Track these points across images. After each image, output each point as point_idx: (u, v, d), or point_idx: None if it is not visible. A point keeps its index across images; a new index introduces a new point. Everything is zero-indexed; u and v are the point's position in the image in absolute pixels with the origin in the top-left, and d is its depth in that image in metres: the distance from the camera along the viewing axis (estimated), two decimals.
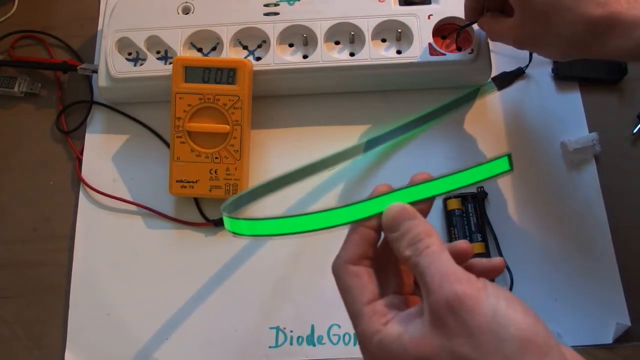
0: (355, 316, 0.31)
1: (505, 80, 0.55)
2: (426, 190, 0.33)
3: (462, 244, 0.34)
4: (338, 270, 0.32)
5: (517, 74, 0.55)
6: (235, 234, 0.34)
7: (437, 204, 0.52)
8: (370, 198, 0.33)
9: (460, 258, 0.33)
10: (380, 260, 0.33)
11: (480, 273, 0.33)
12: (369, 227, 0.32)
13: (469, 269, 0.34)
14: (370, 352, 0.30)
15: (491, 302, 0.27)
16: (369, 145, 0.52)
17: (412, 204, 0.33)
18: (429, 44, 0.52)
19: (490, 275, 0.34)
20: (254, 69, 0.52)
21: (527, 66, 0.55)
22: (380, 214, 0.32)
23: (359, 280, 0.31)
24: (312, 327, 0.49)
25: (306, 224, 0.33)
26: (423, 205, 0.33)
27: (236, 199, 0.41)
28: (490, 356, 0.26)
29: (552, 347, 0.27)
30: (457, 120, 0.55)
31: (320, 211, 0.33)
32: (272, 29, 0.53)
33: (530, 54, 0.55)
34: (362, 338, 0.30)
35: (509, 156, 0.35)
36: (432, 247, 0.30)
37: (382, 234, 0.33)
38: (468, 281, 0.28)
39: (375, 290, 0.31)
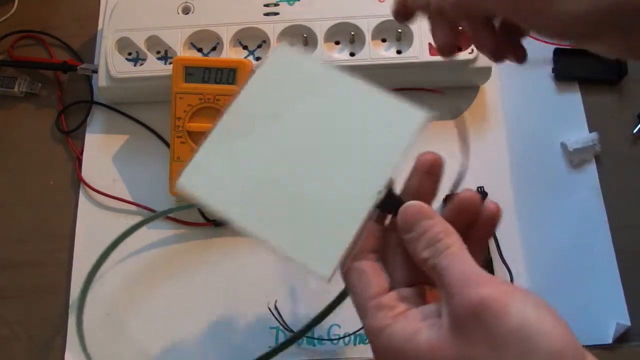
0: (361, 312, 0.29)
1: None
2: None
3: (465, 192, 0.31)
4: (342, 269, 0.30)
5: None
6: None
7: (438, 203, 0.51)
8: None
9: (466, 209, 0.31)
10: (385, 251, 0.32)
11: (452, 216, 0.31)
12: (373, 221, 0.31)
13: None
14: (379, 348, 0.28)
15: (519, 308, 0.25)
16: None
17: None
18: (429, 44, 0.52)
19: (489, 225, 0.31)
20: (254, 69, 0.52)
21: None
22: (386, 211, 0.31)
23: (363, 275, 0.30)
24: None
25: None
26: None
27: None
28: None
29: (581, 358, 0.25)
30: (457, 118, 0.55)
31: None
32: (272, 29, 0.53)
33: None
34: (370, 334, 0.29)
35: None
36: (452, 247, 0.28)
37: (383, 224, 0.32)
38: (493, 284, 0.26)
39: (382, 283, 0.29)
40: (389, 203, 0.31)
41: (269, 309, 0.48)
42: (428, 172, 0.31)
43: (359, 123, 0.33)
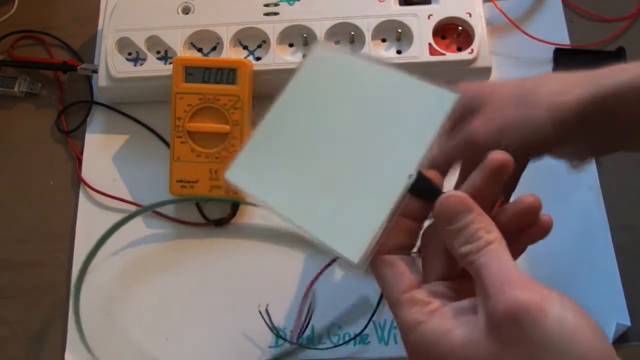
0: (393, 305, 0.29)
1: None
2: None
3: (528, 197, 0.30)
4: (372, 261, 0.30)
5: None
6: None
7: None
8: None
9: (528, 214, 0.30)
10: (427, 242, 0.31)
11: (511, 219, 0.30)
12: (409, 217, 0.30)
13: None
14: (411, 344, 0.28)
15: (557, 313, 0.25)
16: None
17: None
18: (429, 43, 0.52)
19: (537, 235, 0.31)
20: (254, 69, 0.52)
21: None
22: (428, 200, 0.30)
23: (394, 269, 0.29)
24: (312, 327, 0.49)
25: None
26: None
27: None
28: None
29: None
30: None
31: None
32: (272, 29, 0.53)
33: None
34: (403, 328, 0.28)
35: None
36: (492, 244, 0.27)
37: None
38: (532, 288, 0.25)
39: (413, 278, 0.29)
40: (421, 188, 0.30)
41: (260, 312, 0.48)
42: (495, 173, 0.30)
43: (391, 109, 0.33)
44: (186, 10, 0.55)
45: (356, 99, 0.34)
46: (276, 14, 0.54)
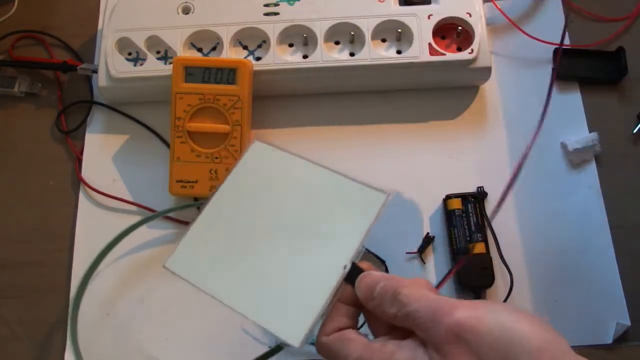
0: None
1: None
2: None
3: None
4: (317, 346, 0.32)
5: None
6: None
7: (438, 203, 0.52)
8: None
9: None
10: (367, 314, 0.33)
11: None
12: (347, 303, 0.33)
13: None
14: None
15: (494, 317, 0.26)
16: None
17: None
18: (429, 44, 0.52)
19: None
20: (254, 69, 0.52)
21: None
22: (352, 283, 0.33)
23: (343, 341, 0.31)
24: None
25: None
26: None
27: None
28: None
29: (566, 353, 0.26)
30: (457, 119, 0.55)
31: None
32: (272, 29, 0.53)
33: None
34: None
35: None
36: (412, 293, 0.30)
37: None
38: (460, 306, 0.27)
39: (363, 339, 0.31)
40: (356, 277, 0.33)
41: None
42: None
43: (326, 206, 0.37)
44: (186, 10, 0.55)
45: (293, 195, 0.38)
46: (276, 14, 0.54)
